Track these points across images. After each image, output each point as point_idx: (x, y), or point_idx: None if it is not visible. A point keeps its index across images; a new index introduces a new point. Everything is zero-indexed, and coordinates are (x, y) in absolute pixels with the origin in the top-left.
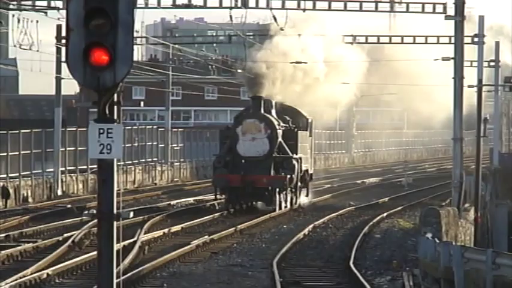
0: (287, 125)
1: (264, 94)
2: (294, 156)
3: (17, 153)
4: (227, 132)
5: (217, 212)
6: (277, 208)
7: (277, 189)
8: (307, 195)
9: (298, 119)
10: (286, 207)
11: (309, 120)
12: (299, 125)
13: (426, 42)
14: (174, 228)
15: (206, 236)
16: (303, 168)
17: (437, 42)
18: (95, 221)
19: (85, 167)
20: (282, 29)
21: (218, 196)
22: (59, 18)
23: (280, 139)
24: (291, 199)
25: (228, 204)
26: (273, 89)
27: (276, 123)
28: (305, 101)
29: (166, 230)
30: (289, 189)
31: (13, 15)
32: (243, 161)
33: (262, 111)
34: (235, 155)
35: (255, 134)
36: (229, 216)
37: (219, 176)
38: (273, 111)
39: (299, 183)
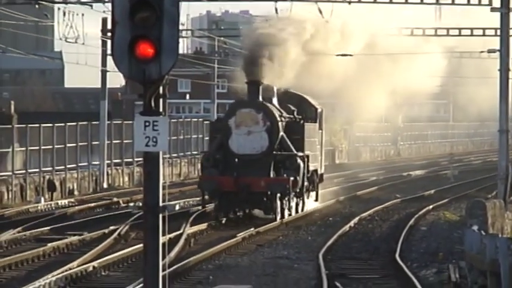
0: (291, 116)
1: (264, 78)
2: (299, 153)
3: (62, 146)
4: (218, 124)
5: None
6: (279, 217)
7: (278, 195)
8: (316, 200)
9: (306, 109)
10: (290, 215)
11: (319, 110)
12: (306, 115)
13: (472, 35)
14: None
15: (252, 229)
16: (311, 168)
17: (483, 35)
18: (141, 213)
19: (131, 159)
20: (327, 22)
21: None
22: (104, 11)
23: (282, 133)
24: (296, 205)
25: (218, 213)
26: (278, 72)
27: (277, 113)
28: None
29: (212, 223)
30: (292, 193)
31: (59, 9)
32: (236, 159)
33: (260, 98)
34: (227, 152)
35: (251, 127)
36: None
37: (207, 178)
38: (274, 100)
39: (306, 186)
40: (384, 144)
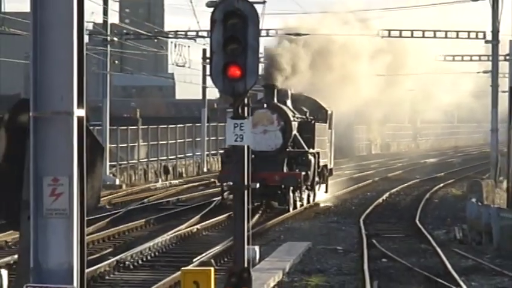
0: (303, 117)
1: (279, 83)
2: (311, 150)
3: (174, 141)
4: None
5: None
6: (291, 208)
7: (291, 188)
8: (326, 192)
9: (317, 111)
10: (302, 205)
11: (329, 112)
12: (317, 116)
13: (471, 60)
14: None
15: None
16: (321, 163)
17: (479, 60)
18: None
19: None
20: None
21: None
22: (204, 44)
23: (294, 132)
24: (308, 197)
25: None
26: (292, 77)
27: (290, 114)
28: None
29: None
30: (304, 187)
31: (171, 42)
32: (253, 156)
33: (275, 100)
34: None
35: (267, 126)
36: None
37: (225, 172)
38: (289, 102)
39: (316, 180)
40: (406, 140)
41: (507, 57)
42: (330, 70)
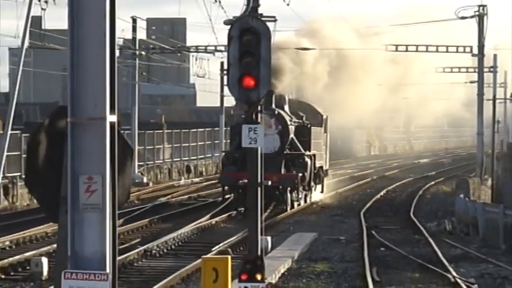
0: (300, 121)
1: (277, 88)
2: (307, 153)
3: (195, 143)
4: (237, 128)
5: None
6: (289, 208)
7: (289, 188)
8: (322, 192)
9: (313, 116)
10: (299, 205)
11: (324, 117)
12: (313, 121)
13: (459, 71)
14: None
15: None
16: (317, 165)
17: (467, 71)
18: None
19: None
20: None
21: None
22: (222, 57)
23: (292, 135)
24: (305, 197)
25: (236, 204)
26: (290, 84)
27: (287, 118)
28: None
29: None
30: (301, 187)
31: (192, 56)
32: None
33: (273, 106)
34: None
35: (265, 130)
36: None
37: (226, 174)
38: (286, 107)
39: (312, 181)
40: (402, 142)
41: (491, 69)
42: (343, 82)
